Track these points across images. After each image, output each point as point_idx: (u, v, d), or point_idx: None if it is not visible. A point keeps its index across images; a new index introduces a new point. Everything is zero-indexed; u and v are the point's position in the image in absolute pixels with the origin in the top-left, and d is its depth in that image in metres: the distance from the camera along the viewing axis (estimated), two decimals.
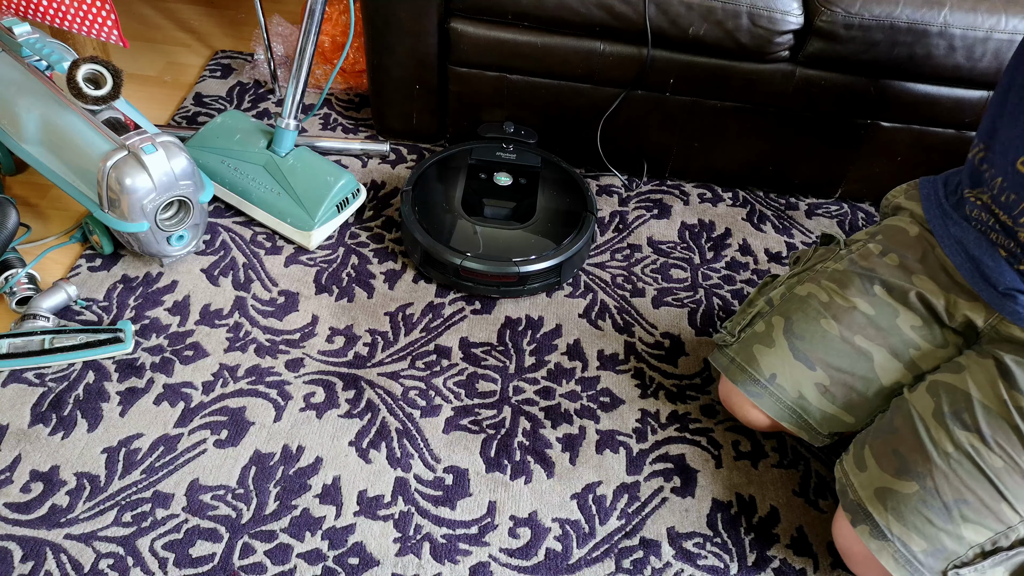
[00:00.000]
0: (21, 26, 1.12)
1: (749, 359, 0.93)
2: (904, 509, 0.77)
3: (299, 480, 0.95)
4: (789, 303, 0.94)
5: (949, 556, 0.76)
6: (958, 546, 0.75)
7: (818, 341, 0.89)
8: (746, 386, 0.93)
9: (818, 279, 0.94)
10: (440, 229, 1.15)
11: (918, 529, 0.76)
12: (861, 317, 0.89)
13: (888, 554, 0.77)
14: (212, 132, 1.28)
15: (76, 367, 1.03)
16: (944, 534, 0.75)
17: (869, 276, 0.90)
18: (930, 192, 0.91)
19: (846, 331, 0.89)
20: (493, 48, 1.23)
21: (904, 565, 0.76)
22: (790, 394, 0.90)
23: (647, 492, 0.98)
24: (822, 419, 0.91)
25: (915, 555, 0.76)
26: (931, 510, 0.76)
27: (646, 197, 1.39)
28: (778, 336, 0.92)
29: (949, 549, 0.75)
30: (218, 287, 1.16)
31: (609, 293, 1.22)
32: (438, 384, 1.07)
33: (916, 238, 0.91)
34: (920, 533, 0.76)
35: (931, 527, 0.76)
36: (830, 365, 0.89)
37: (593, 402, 1.07)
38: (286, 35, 1.55)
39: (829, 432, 0.92)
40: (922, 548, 0.76)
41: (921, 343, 0.88)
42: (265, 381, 1.05)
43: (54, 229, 1.23)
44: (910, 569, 0.76)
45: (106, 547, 0.87)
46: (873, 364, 0.88)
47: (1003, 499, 0.74)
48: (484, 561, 0.90)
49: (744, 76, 1.23)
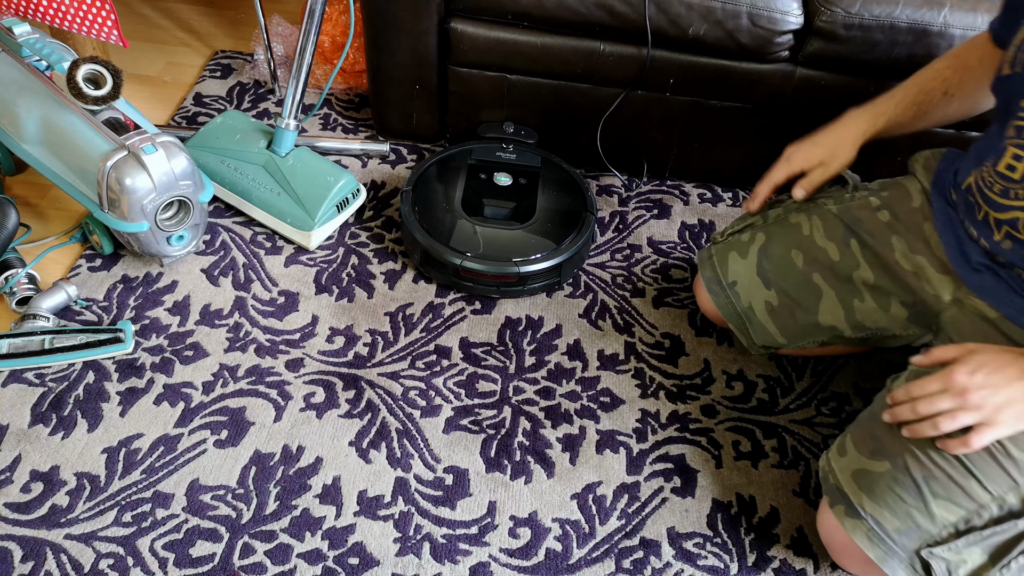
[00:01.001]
0: (21, 26, 1.12)
1: (722, 261, 1.04)
2: (877, 487, 0.79)
3: (299, 480, 0.95)
4: (776, 226, 1.02)
5: (922, 535, 0.76)
6: (930, 524, 0.76)
7: (782, 267, 0.99)
8: (710, 283, 1.05)
9: (811, 213, 1.00)
10: (440, 229, 1.15)
11: (890, 507, 0.77)
12: (826, 259, 0.96)
13: (862, 532, 0.78)
14: (212, 132, 1.28)
15: (76, 367, 1.03)
16: (915, 511, 0.76)
17: (853, 228, 0.96)
18: (946, 168, 0.93)
19: (807, 267, 0.97)
20: (493, 48, 1.23)
21: (878, 544, 0.77)
22: (742, 302, 1.02)
23: (647, 492, 0.98)
24: (760, 331, 1.01)
25: (888, 533, 0.77)
26: (902, 487, 0.77)
27: (646, 197, 1.39)
28: (753, 251, 1.02)
29: (922, 528, 0.76)
30: (218, 287, 1.16)
31: (609, 293, 1.22)
32: (438, 384, 1.07)
33: (916, 208, 0.94)
34: (892, 511, 0.77)
35: (903, 504, 0.77)
36: (783, 290, 0.99)
37: (593, 402, 1.07)
38: (286, 35, 1.55)
39: (762, 344, 1.02)
40: (895, 526, 0.77)
41: (867, 297, 0.94)
42: (265, 381, 1.05)
43: (54, 229, 1.23)
44: (884, 548, 0.77)
45: (106, 547, 0.87)
46: (819, 302, 0.96)
47: (972, 476, 0.75)
48: (484, 561, 0.90)
49: (744, 76, 1.23)
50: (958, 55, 0.95)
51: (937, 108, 0.94)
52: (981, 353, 0.75)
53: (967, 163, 0.88)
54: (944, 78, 0.94)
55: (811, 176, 0.99)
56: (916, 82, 0.95)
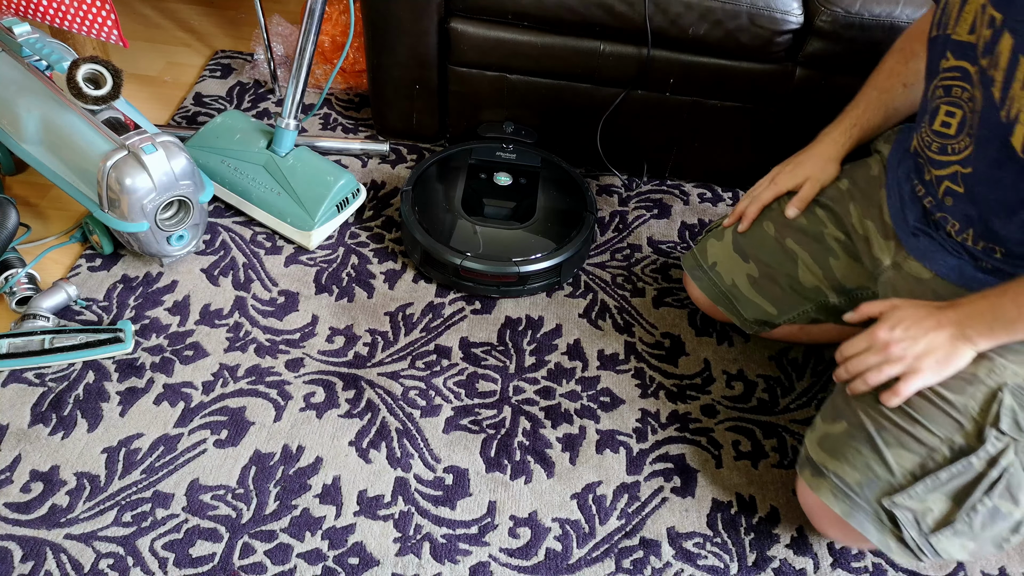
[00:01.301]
0: (21, 26, 1.12)
1: (702, 250, 1.10)
2: (837, 446, 0.84)
3: (299, 480, 0.95)
4: None
5: (883, 485, 0.80)
6: (888, 474, 0.79)
7: (756, 240, 1.04)
8: (692, 270, 1.10)
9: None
10: (440, 229, 1.15)
11: (849, 461, 0.82)
12: (795, 224, 1.01)
13: (827, 489, 0.83)
14: (212, 132, 1.28)
15: (76, 367, 1.03)
16: (872, 462, 0.80)
17: (816, 197, 1.01)
18: (903, 138, 0.97)
19: (779, 233, 1.02)
20: (493, 48, 1.23)
21: (842, 498, 0.81)
22: (725, 281, 1.06)
23: (647, 492, 0.98)
24: (749, 306, 1.05)
25: (850, 486, 0.81)
26: (858, 441, 0.82)
27: (646, 197, 1.39)
28: (727, 233, 1.07)
29: (881, 477, 0.80)
30: (218, 287, 1.16)
31: (609, 293, 1.22)
32: (438, 384, 1.07)
33: (874, 176, 0.98)
34: (851, 465, 0.82)
35: (860, 457, 0.81)
36: (761, 260, 1.03)
37: (593, 402, 1.07)
38: (286, 35, 1.55)
39: (754, 318, 1.06)
40: (855, 479, 0.81)
41: (840, 254, 0.99)
42: (265, 381, 1.05)
43: (54, 229, 1.23)
44: (848, 502, 0.81)
45: (106, 547, 0.87)
46: (797, 264, 1.01)
47: (918, 423, 0.79)
48: (484, 561, 0.90)
49: (744, 76, 1.23)
50: (903, 47, 0.98)
51: (902, 101, 0.98)
52: (901, 309, 0.81)
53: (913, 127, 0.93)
54: (896, 72, 0.97)
55: (802, 192, 1.01)
56: (873, 85, 1.00)
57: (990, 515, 0.77)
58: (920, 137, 0.86)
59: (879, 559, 0.94)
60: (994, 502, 0.77)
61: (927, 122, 0.83)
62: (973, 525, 0.77)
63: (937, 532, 0.78)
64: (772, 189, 1.03)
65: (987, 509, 0.77)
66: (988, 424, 0.76)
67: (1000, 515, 0.77)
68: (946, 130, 0.80)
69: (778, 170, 1.04)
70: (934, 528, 0.78)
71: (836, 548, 0.95)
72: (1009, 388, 0.76)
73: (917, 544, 0.78)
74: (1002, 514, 0.77)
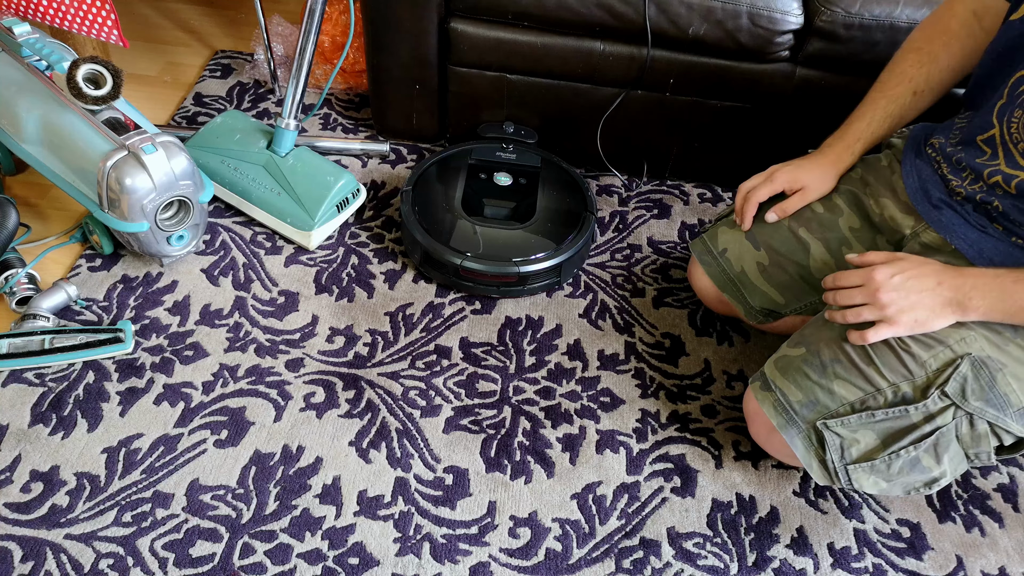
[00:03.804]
0: (21, 26, 1.12)
1: (712, 236, 1.08)
2: (789, 367, 0.88)
3: (299, 480, 0.95)
4: None
5: (821, 409, 0.84)
6: (830, 400, 0.84)
7: (769, 227, 1.03)
8: (701, 255, 1.09)
9: None
10: (440, 229, 1.15)
11: (796, 382, 0.86)
12: (809, 212, 1.01)
13: (769, 403, 0.88)
14: (212, 132, 1.28)
15: (76, 367, 1.03)
16: (818, 388, 0.85)
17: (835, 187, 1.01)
18: (918, 134, 0.97)
19: (793, 222, 1.01)
20: (493, 48, 1.23)
21: (781, 412, 0.87)
22: (734, 268, 1.05)
23: (647, 492, 0.98)
24: (755, 293, 1.04)
25: (791, 403, 0.86)
26: (810, 367, 0.86)
27: (646, 197, 1.39)
28: None
29: (822, 402, 0.84)
30: (218, 287, 1.16)
31: (609, 293, 1.22)
32: (438, 384, 1.07)
33: (885, 166, 0.99)
34: (797, 385, 0.86)
35: (808, 381, 0.85)
36: (772, 248, 1.02)
37: (593, 402, 1.07)
38: (286, 35, 1.55)
39: (761, 307, 1.05)
40: (798, 399, 0.86)
41: (854, 243, 0.99)
42: (265, 381, 1.05)
43: (54, 229, 1.23)
44: (785, 416, 0.87)
45: (106, 547, 0.87)
46: (809, 254, 1.00)
47: (872, 363, 0.82)
48: (484, 561, 0.90)
49: (744, 76, 1.23)
50: (919, 48, 0.95)
51: (910, 110, 0.96)
52: (906, 260, 0.82)
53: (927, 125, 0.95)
54: (909, 78, 0.95)
55: (789, 201, 1.01)
56: (882, 91, 0.97)
57: (910, 464, 0.82)
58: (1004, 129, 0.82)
59: (879, 559, 0.94)
60: (918, 454, 0.81)
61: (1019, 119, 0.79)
62: (892, 468, 0.82)
63: (856, 464, 0.83)
64: (768, 187, 1.02)
65: (909, 458, 0.81)
66: (936, 384, 0.80)
67: (919, 467, 0.82)
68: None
69: (777, 168, 1.03)
70: (855, 460, 0.83)
71: (836, 548, 0.95)
72: (971, 359, 0.79)
73: (835, 468, 0.84)
74: (921, 467, 0.82)
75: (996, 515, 1.00)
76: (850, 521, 0.97)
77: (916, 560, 0.94)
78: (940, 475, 0.82)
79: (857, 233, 0.99)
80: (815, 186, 1.00)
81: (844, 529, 0.96)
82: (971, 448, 0.82)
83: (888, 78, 0.97)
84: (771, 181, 1.02)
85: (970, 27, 0.92)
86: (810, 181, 1.00)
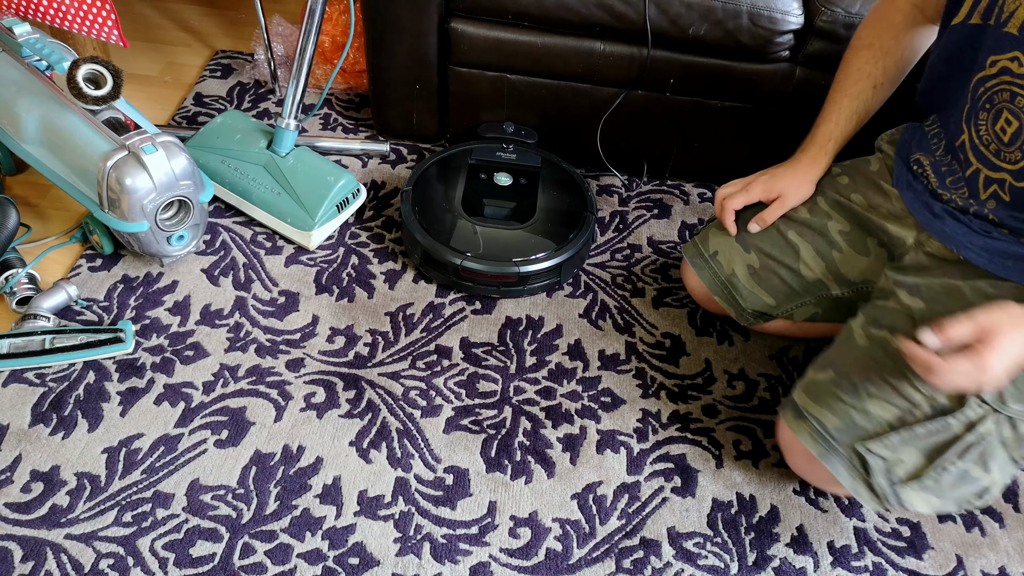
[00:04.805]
0: (21, 26, 1.12)
1: (703, 239, 1.09)
2: (820, 392, 0.87)
3: (299, 480, 0.95)
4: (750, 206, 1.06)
5: (859, 431, 0.82)
6: (866, 421, 0.82)
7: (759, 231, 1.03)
8: (692, 258, 1.09)
9: None
10: (440, 229, 1.15)
11: (830, 406, 0.85)
12: (798, 217, 1.01)
13: (806, 432, 0.86)
14: (212, 132, 1.28)
15: (77, 367, 1.03)
16: (852, 409, 0.83)
17: (819, 189, 1.02)
18: (908, 137, 0.97)
19: (782, 226, 1.02)
20: (493, 48, 1.23)
21: (819, 441, 0.85)
22: (725, 270, 1.06)
23: (647, 492, 0.98)
24: (747, 295, 1.05)
25: (828, 431, 0.84)
26: (842, 389, 0.85)
27: (646, 197, 1.39)
28: None
29: (859, 424, 0.82)
30: (218, 287, 1.16)
31: (609, 293, 1.22)
32: (439, 384, 1.07)
33: (874, 171, 0.99)
34: (832, 410, 0.85)
35: (841, 404, 0.84)
36: (762, 251, 1.03)
37: (594, 402, 1.07)
38: (286, 35, 1.55)
39: (752, 310, 1.06)
40: (834, 424, 0.84)
41: (844, 246, 0.99)
42: (265, 381, 1.05)
43: (54, 229, 1.23)
44: (824, 444, 0.84)
45: (106, 547, 0.87)
46: (799, 257, 1.01)
47: (904, 378, 0.81)
48: (484, 561, 0.90)
49: (744, 76, 1.23)
50: (870, 44, 0.97)
51: (874, 103, 0.98)
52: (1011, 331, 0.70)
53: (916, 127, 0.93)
54: (866, 74, 0.96)
55: (769, 210, 1.02)
56: (842, 91, 0.98)
57: (959, 476, 0.80)
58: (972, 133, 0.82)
59: (879, 558, 0.94)
60: (966, 465, 0.79)
61: (985, 121, 0.80)
62: (941, 483, 0.80)
63: (905, 484, 0.81)
64: (743, 196, 1.02)
65: (957, 470, 0.79)
66: None
67: (969, 478, 0.80)
68: (1002, 135, 0.79)
69: (754, 178, 1.04)
70: (903, 479, 0.81)
71: (836, 547, 0.95)
72: None
73: (884, 492, 0.81)
74: (971, 478, 0.80)
75: (996, 515, 1.00)
76: (850, 520, 0.97)
77: (916, 559, 0.94)
78: (990, 484, 0.81)
79: (846, 237, 0.99)
80: (792, 193, 1.00)
81: (844, 528, 0.96)
82: (1016, 452, 0.80)
83: (845, 77, 0.98)
84: (746, 191, 1.03)
85: (914, 18, 0.94)
86: (786, 188, 1.01)
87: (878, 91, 0.97)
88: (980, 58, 0.80)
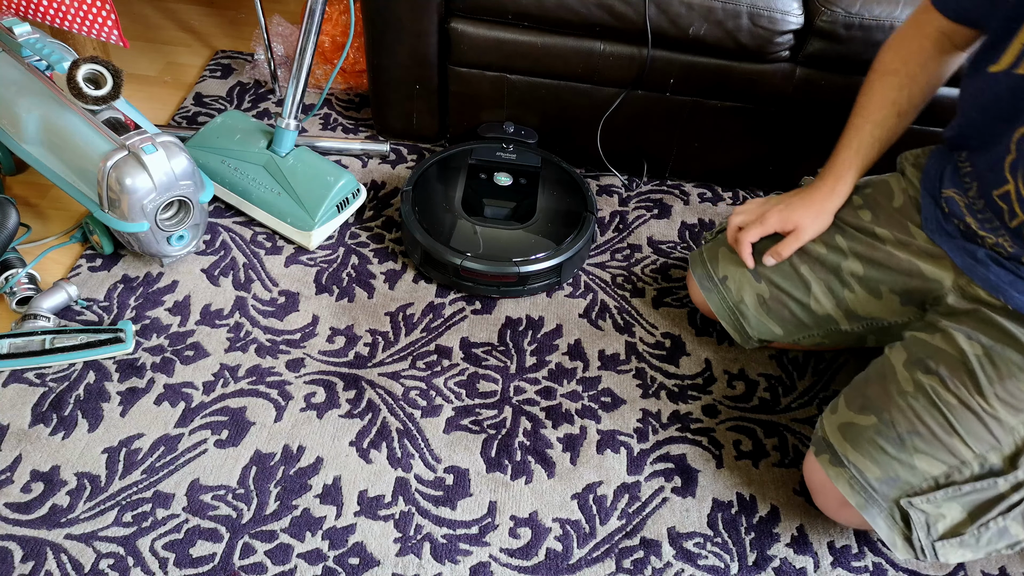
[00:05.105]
0: (21, 26, 1.12)
1: (712, 258, 1.06)
2: (861, 439, 0.83)
3: (299, 480, 0.95)
4: None
5: (903, 486, 0.79)
6: (911, 476, 0.79)
7: None
8: (701, 280, 1.07)
9: None
10: (440, 229, 1.15)
11: (872, 457, 0.81)
12: (814, 252, 0.98)
13: (844, 480, 0.83)
14: (212, 132, 1.28)
15: (77, 367, 1.03)
16: (897, 463, 0.80)
17: (837, 224, 0.98)
18: (933, 168, 0.93)
19: (796, 259, 0.99)
20: (493, 48, 1.23)
21: (859, 491, 0.81)
22: (734, 296, 1.03)
23: (648, 492, 0.98)
24: (755, 323, 1.03)
25: (869, 481, 0.81)
26: (886, 440, 0.81)
27: (646, 197, 1.39)
28: None
29: (903, 479, 0.79)
30: (218, 287, 1.16)
31: (609, 293, 1.22)
32: (439, 384, 1.07)
33: (897, 209, 0.96)
34: (874, 461, 0.81)
35: (885, 456, 0.80)
36: (773, 282, 1.00)
37: (594, 402, 1.07)
38: (286, 35, 1.55)
39: (758, 338, 1.04)
40: (876, 475, 0.81)
41: (856, 288, 0.96)
42: (266, 381, 1.05)
43: (54, 229, 1.23)
44: (864, 495, 0.81)
45: (106, 547, 0.87)
46: (809, 292, 0.99)
47: (955, 433, 0.78)
48: (484, 561, 0.90)
49: (744, 76, 1.23)
50: (896, 70, 0.92)
51: (897, 131, 0.94)
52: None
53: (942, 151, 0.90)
54: (891, 101, 0.92)
55: (785, 244, 0.98)
56: (864, 116, 0.94)
57: (999, 534, 0.77)
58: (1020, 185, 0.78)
59: (879, 558, 0.94)
60: (1007, 523, 0.77)
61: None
62: (980, 540, 0.78)
63: (944, 540, 0.78)
64: (758, 228, 0.98)
65: (998, 528, 0.77)
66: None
67: (1007, 535, 0.78)
68: None
69: (768, 207, 1.00)
70: (943, 535, 0.78)
71: (836, 547, 0.95)
72: None
73: (922, 546, 0.79)
74: (1010, 535, 0.78)
75: None
76: None
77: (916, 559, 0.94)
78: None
79: (860, 281, 0.96)
80: (808, 225, 0.96)
81: (844, 528, 0.96)
82: None
83: (868, 103, 0.94)
84: (762, 223, 0.98)
85: (942, 46, 0.91)
86: (802, 220, 0.96)
87: (902, 119, 0.93)
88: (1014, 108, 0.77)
